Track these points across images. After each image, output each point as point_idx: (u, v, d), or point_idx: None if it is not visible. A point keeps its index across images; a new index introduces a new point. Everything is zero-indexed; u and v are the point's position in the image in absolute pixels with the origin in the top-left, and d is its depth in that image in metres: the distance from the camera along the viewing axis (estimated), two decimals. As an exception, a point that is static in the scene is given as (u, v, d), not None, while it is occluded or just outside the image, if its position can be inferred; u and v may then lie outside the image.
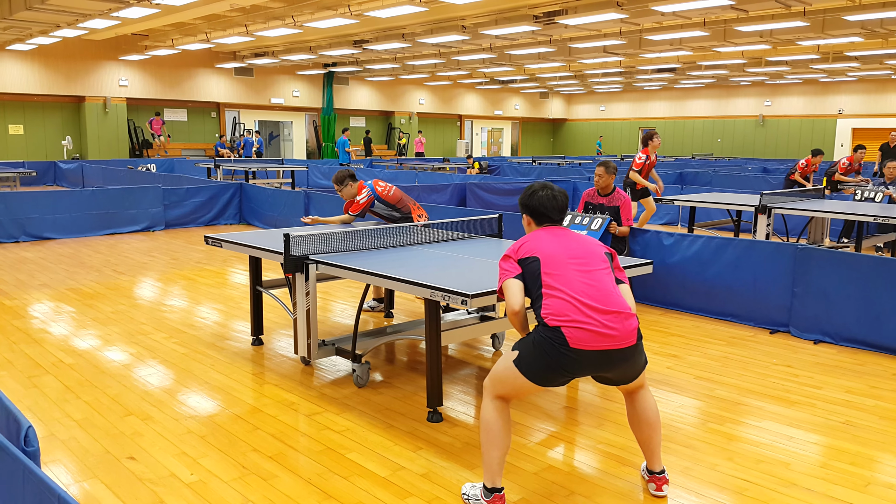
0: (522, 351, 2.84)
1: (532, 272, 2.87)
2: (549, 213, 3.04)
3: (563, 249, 2.90)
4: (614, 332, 2.75)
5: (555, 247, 2.90)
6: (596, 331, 2.72)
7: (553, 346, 2.73)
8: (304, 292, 4.34)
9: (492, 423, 2.87)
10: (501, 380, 2.87)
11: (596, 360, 2.76)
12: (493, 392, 2.90)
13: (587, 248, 2.95)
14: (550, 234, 2.99)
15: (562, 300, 2.77)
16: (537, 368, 2.79)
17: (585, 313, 2.74)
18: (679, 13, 13.61)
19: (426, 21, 15.80)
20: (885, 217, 6.87)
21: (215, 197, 11.83)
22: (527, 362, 2.81)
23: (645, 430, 3.04)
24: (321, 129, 27.79)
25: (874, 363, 4.90)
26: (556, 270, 2.83)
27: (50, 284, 7.13)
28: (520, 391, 2.88)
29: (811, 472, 3.30)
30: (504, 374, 2.87)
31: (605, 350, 2.74)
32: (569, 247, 2.92)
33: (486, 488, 2.88)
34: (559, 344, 2.72)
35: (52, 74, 21.34)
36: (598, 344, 2.73)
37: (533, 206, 3.06)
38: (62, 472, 3.20)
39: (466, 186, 12.98)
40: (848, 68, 22.73)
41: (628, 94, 35.23)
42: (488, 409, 2.89)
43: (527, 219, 3.12)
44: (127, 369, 4.60)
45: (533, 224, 3.10)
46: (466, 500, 2.96)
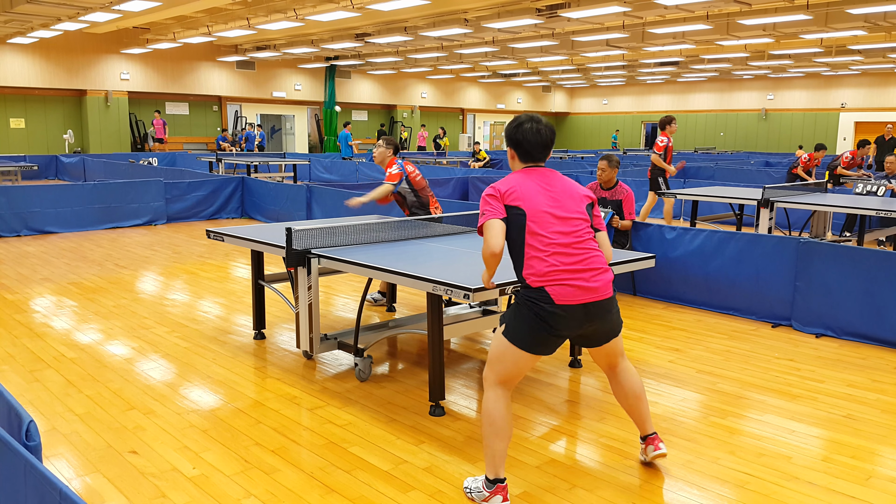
0: (508, 322, 2.89)
1: (517, 224, 2.85)
2: (533, 151, 2.97)
3: (548, 201, 2.88)
4: (594, 284, 2.84)
5: (541, 199, 2.88)
6: (577, 286, 2.81)
7: (539, 306, 2.79)
8: (306, 286, 4.33)
9: (494, 414, 2.87)
10: (496, 359, 2.90)
11: (579, 314, 2.83)
12: (492, 378, 2.92)
13: (570, 200, 2.93)
14: (537, 181, 2.92)
15: (544, 260, 2.81)
16: (526, 334, 2.83)
17: (567, 270, 2.81)
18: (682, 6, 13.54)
19: (428, 14, 15.74)
20: (886, 211, 6.85)
21: (217, 191, 11.83)
22: (515, 331, 2.85)
23: (632, 401, 3.15)
24: (323, 122, 27.75)
25: (876, 357, 4.90)
26: (539, 226, 2.84)
27: (52, 278, 7.13)
28: (516, 366, 2.88)
29: (813, 465, 3.30)
30: (497, 352, 2.90)
31: (586, 304, 2.83)
32: (553, 198, 2.90)
33: (488, 480, 2.88)
34: (545, 303, 2.79)
35: (53, 68, 21.31)
36: (580, 298, 2.82)
37: (517, 139, 2.98)
38: (64, 467, 3.21)
39: (468, 180, 12.96)
40: (851, 62, 22.62)
41: (631, 88, 35.11)
42: (490, 400, 2.90)
43: (511, 152, 3.04)
44: (129, 363, 4.61)
45: (517, 159, 3.02)
46: (469, 493, 2.96)
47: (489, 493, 2.87)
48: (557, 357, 4.83)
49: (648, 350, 5.02)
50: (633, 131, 35.19)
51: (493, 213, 2.86)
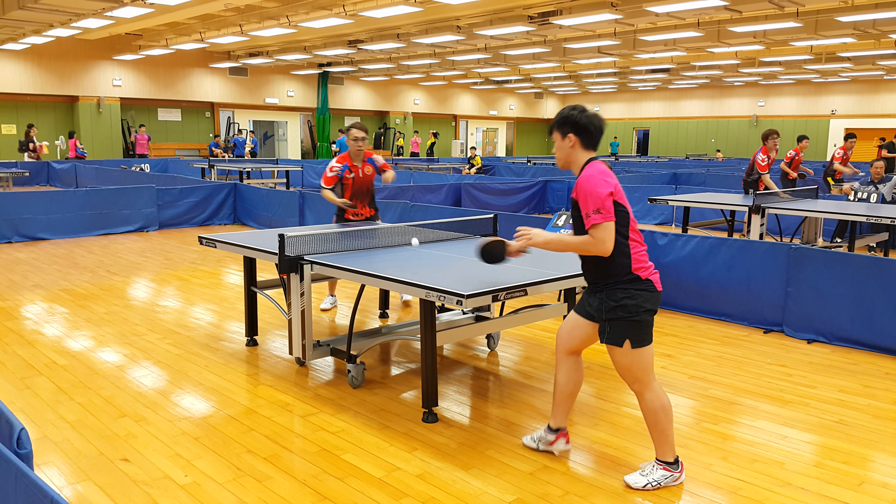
0: (634, 334, 3.00)
1: (622, 222, 2.95)
2: (597, 135, 3.02)
3: (626, 196, 3.03)
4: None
5: (624, 194, 3.02)
6: (657, 272, 3.08)
7: (649, 299, 2.99)
8: (298, 293, 4.33)
9: (664, 403, 3.08)
10: (638, 368, 3.04)
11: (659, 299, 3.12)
12: (644, 380, 3.07)
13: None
14: (613, 175, 3.02)
15: (642, 252, 3.01)
16: (647, 332, 3.03)
17: (650, 263, 3.06)
18: (673, 14, 13.63)
19: (421, 21, 15.79)
20: (877, 217, 6.91)
21: (209, 197, 11.80)
22: (638, 337, 3.01)
23: (573, 388, 3.31)
24: (316, 128, 27.74)
25: (867, 362, 4.93)
26: (634, 222, 3.02)
27: (43, 285, 7.09)
28: (651, 359, 3.07)
29: (805, 471, 3.32)
30: (635, 362, 3.03)
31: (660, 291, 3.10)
32: (624, 193, 3.04)
33: (669, 464, 3.12)
34: (652, 292, 3.01)
35: (45, 74, 21.24)
36: (659, 285, 3.08)
37: (583, 123, 2.97)
38: (55, 475, 3.18)
39: (461, 187, 12.98)
40: (841, 69, 22.82)
41: (623, 95, 35.28)
42: (656, 397, 3.08)
43: (573, 139, 3.00)
44: (120, 370, 4.58)
45: (579, 146, 3.01)
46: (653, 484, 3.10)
47: (677, 472, 3.12)
48: (549, 363, 4.84)
49: (641, 356, 5.03)
50: (625, 138, 35.34)
51: (608, 216, 2.91)
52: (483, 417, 3.90)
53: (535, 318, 4.43)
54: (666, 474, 3.11)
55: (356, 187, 5.78)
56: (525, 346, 5.29)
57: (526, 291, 3.55)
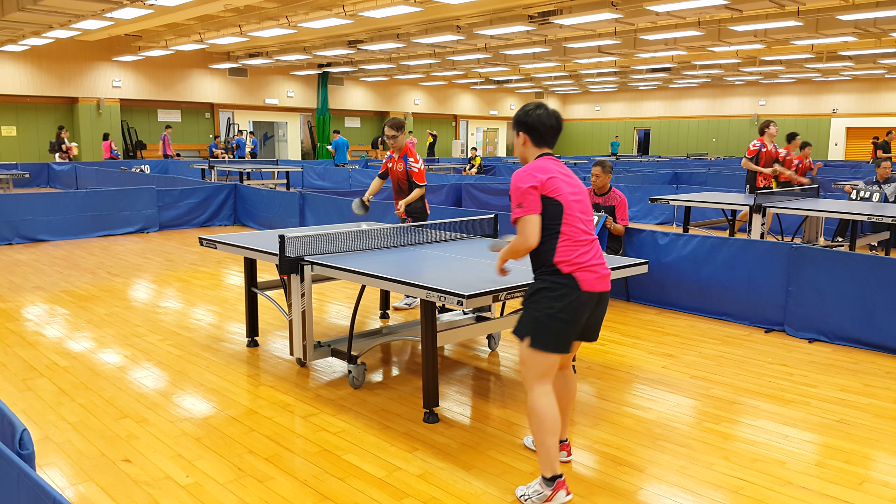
0: (532, 332, 2.90)
1: (552, 214, 2.88)
2: (547, 135, 2.99)
3: (573, 191, 2.95)
4: (605, 272, 2.95)
5: (568, 189, 2.93)
6: (597, 273, 2.91)
7: (566, 294, 2.85)
8: (299, 293, 4.33)
9: (545, 411, 2.89)
10: (533, 366, 2.93)
11: (594, 301, 2.93)
12: (532, 379, 2.94)
13: (583, 191, 3.03)
14: (561, 172, 2.95)
15: (573, 246, 2.88)
16: (553, 337, 2.88)
17: (590, 259, 2.91)
18: (673, 13, 13.63)
19: (421, 21, 15.80)
20: (878, 216, 6.90)
21: (209, 198, 11.80)
22: (542, 338, 2.88)
23: (566, 401, 3.21)
24: (316, 129, 27.75)
25: (868, 361, 4.92)
26: (572, 217, 2.91)
27: (44, 287, 7.10)
28: (552, 363, 2.94)
29: (807, 470, 3.31)
30: (531, 361, 2.93)
31: (599, 292, 2.94)
32: (574, 188, 2.96)
33: (546, 479, 2.90)
34: (573, 289, 2.86)
35: (44, 75, 21.25)
36: (597, 286, 2.92)
37: (531, 123, 2.98)
38: (57, 476, 3.18)
39: (462, 187, 12.98)
40: (841, 67, 22.81)
41: (623, 94, 35.27)
42: (537, 398, 2.91)
43: (524, 137, 3.02)
44: (122, 372, 4.59)
45: (530, 144, 3.01)
46: (526, 500, 2.95)
47: (551, 490, 2.89)
48: (551, 363, 4.83)
49: (642, 356, 5.03)
50: (626, 137, 35.33)
51: (530, 209, 2.86)
52: (484, 418, 3.90)
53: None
54: (539, 490, 2.92)
55: (392, 178, 6.12)
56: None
57: (527, 291, 3.55)
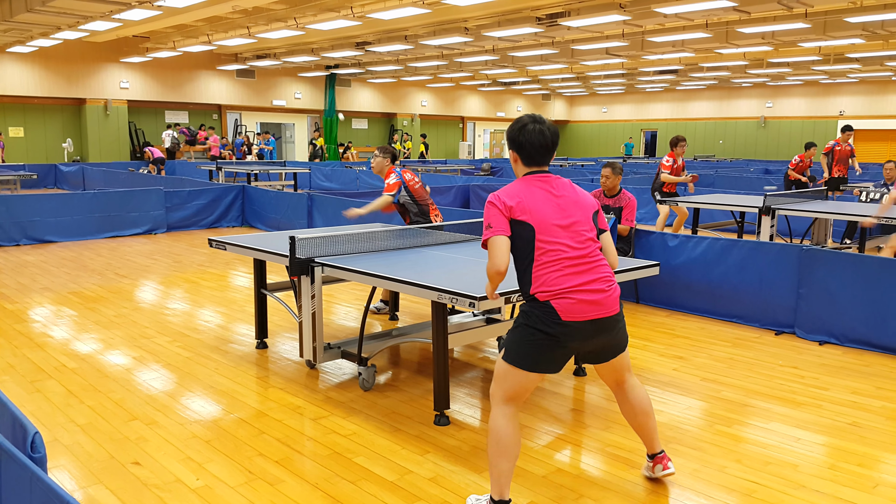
0: (510, 345, 2.80)
1: (524, 238, 2.74)
2: (536, 154, 2.84)
3: (556, 212, 2.77)
4: (600, 297, 2.74)
5: (548, 210, 2.76)
6: (584, 300, 2.71)
7: (543, 322, 2.70)
8: (309, 295, 4.32)
9: (500, 433, 2.78)
10: (502, 380, 2.82)
11: (588, 329, 2.75)
12: (498, 397, 2.83)
13: (577, 210, 2.83)
14: (543, 188, 2.81)
15: (552, 272, 2.71)
16: (528, 354, 2.75)
17: (575, 285, 2.71)
18: (681, 15, 13.59)
19: (428, 23, 15.80)
20: (887, 218, 6.85)
21: (217, 199, 11.82)
22: (517, 354, 2.77)
23: (641, 418, 3.06)
24: (323, 130, 27.79)
25: (880, 364, 4.88)
26: (548, 239, 2.73)
27: (52, 288, 7.12)
28: (521, 386, 2.80)
29: (819, 473, 3.29)
30: (501, 374, 2.82)
31: (594, 319, 2.74)
32: (560, 208, 2.79)
33: (493, 501, 2.79)
34: (550, 319, 2.70)
35: (52, 77, 21.35)
36: (587, 314, 2.72)
37: (520, 141, 2.85)
38: (66, 478, 3.18)
39: (469, 188, 12.97)
40: (849, 70, 22.70)
41: (630, 96, 35.20)
42: (496, 417, 2.81)
43: (513, 155, 2.91)
44: (130, 373, 4.59)
45: (520, 162, 2.89)
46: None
47: None
48: (561, 365, 4.81)
49: (652, 358, 5.01)
50: (633, 139, 35.24)
51: (497, 230, 2.73)
52: (494, 420, 3.88)
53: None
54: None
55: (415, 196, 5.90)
56: (535, 348, 5.26)
57: (537, 294, 3.53)
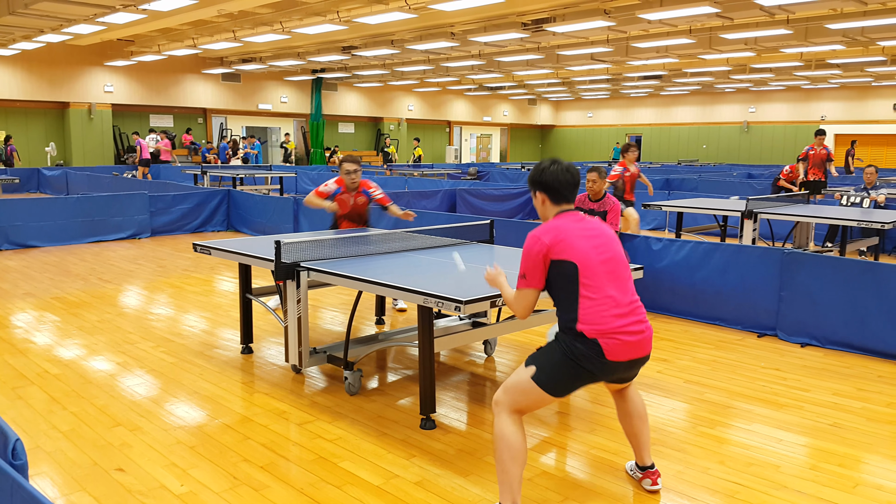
0: (544, 367, 2.77)
1: (567, 277, 2.73)
2: (564, 190, 2.87)
3: (595, 250, 2.78)
4: (641, 337, 2.77)
5: (588, 247, 2.77)
6: (629, 341, 2.73)
7: (587, 359, 2.70)
8: (295, 299, 4.31)
9: (513, 439, 2.77)
10: (518, 392, 2.79)
11: (621, 368, 2.78)
12: (506, 406, 2.82)
13: (612, 246, 2.85)
14: (578, 226, 2.82)
15: (598, 309, 2.71)
16: (561, 383, 2.75)
17: (619, 324, 2.72)
18: (665, 21, 13.72)
19: (415, 28, 15.83)
20: (867, 222, 6.96)
21: (202, 204, 11.76)
22: (549, 378, 2.75)
23: (637, 424, 3.10)
24: (309, 134, 27.73)
25: (860, 365, 4.95)
26: (592, 277, 2.73)
27: (34, 293, 7.04)
28: (536, 406, 2.83)
29: (801, 474, 3.33)
30: (522, 388, 2.79)
31: (632, 360, 2.77)
32: (598, 246, 2.80)
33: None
34: (595, 356, 2.70)
35: (35, 80, 21.14)
36: (629, 354, 2.75)
37: (546, 181, 2.87)
38: (49, 486, 3.15)
39: (456, 192, 13.00)
40: (830, 75, 23.00)
41: (615, 101, 35.45)
42: (506, 425, 2.79)
43: (541, 197, 2.91)
44: (114, 379, 4.55)
45: (548, 202, 2.90)
46: None
47: None
48: (546, 369, 4.83)
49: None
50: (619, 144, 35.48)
51: (531, 282, 2.76)
52: (481, 423, 3.90)
53: (531, 323, 4.43)
54: None
55: (349, 211, 5.82)
56: (522, 351, 5.29)
57: (522, 297, 3.55)
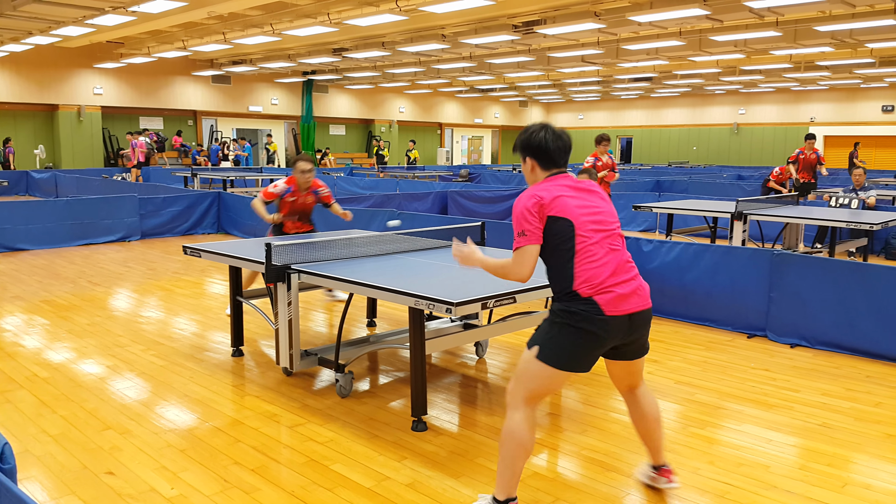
0: (546, 343, 2.72)
1: (562, 235, 2.67)
2: (555, 155, 2.79)
3: (585, 206, 2.73)
4: (636, 287, 2.73)
5: (582, 206, 2.72)
6: (624, 293, 2.69)
7: (586, 319, 2.64)
8: (286, 302, 4.30)
9: (523, 435, 2.72)
10: (528, 378, 2.73)
11: (625, 324, 2.71)
12: (521, 398, 2.75)
13: (604, 205, 2.81)
14: (568, 186, 2.76)
15: (594, 267, 2.66)
16: (566, 352, 2.68)
17: (614, 277, 2.68)
18: (655, 23, 13.79)
19: (406, 30, 15.84)
20: (856, 223, 7.01)
21: (193, 206, 11.71)
22: (555, 352, 2.69)
23: (651, 424, 3.04)
24: (300, 136, 27.68)
25: (849, 366, 4.99)
26: (586, 235, 2.68)
27: (23, 297, 6.99)
28: (549, 387, 2.75)
29: (790, 474, 3.35)
30: (531, 373, 2.73)
31: (632, 313, 2.71)
32: (590, 205, 2.76)
33: (497, 501, 2.79)
34: (594, 314, 2.64)
35: (24, 82, 21.00)
36: (627, 307, 2.69)
37: (537, 145, 2.79)
38: (38, 490, 3.13)
39: (448, 195, 13.00)
40: (819, 77, 23.18)
41: (606, 103, 35.57)
42: (517, 421, 2.74)
43: (530, 162, 2.83)
44: (104, 382, 4.53)
45: (538, 168, 2.82)
46: None
47: None
48: (538, 370, 4.84)
49: (628, 362, 5.06)
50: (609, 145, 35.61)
51: (531, 238, 2.67)
52: (472, 425, 3.90)
53: (523, 325, 4.44)
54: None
55: (293, 209, 5.95)
56: (513, 353, 5.30)
57: (515, 299, 3.57)
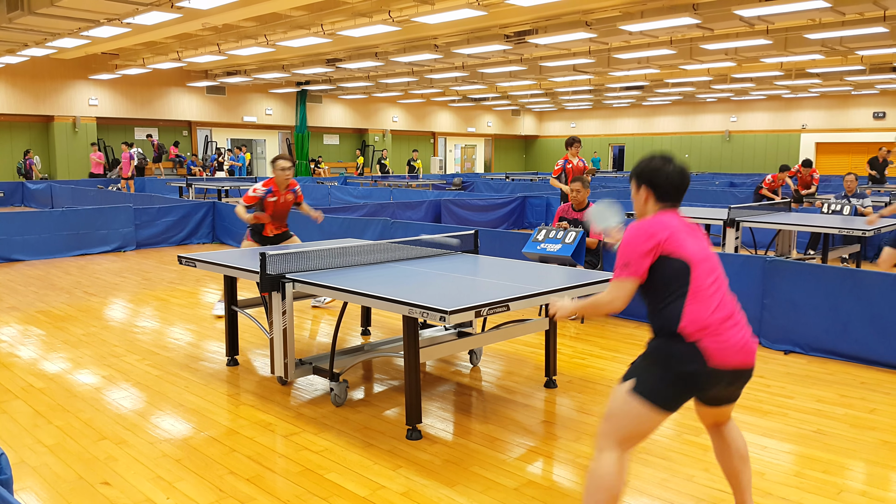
0: (643, 377, 2.51)
1: (676, 276, 2.50)
2: (674, 193, 2.63)
3: (702, 252, 2.57)
4: (745, 341, 2.51)
5: (697, 248, 2.56)
6: (732, 345, 2.48)
7: (689, 360, 2.45)
8: (280, 311, 4.31)
9: (612, 481, 2.47)
10: (624, 416, 2.50)
11: (725, 378, 2.51)
12: (613, 438, 2.51)
13: (710, 248, 2.66)
14: (684, 227, 2.60)
15: (702, 312, 2.47)
16: (665, 390, 2.47)
17: (723, 325, 2.48)
18: (646, 32, 13.89)
19: (399, 40, 15.91)
20: (848, 229, 7.06)
21: (188, 216, 11.71)
22: (653, 387, 2.48)
23: (738, 463, 2.78)
24: (294, 146, 27.72)
25: (843, 372, 5.02)
26: (700, 279, 2.50)
27: (19, 307, 6.97)
28: (646, 428, 2.50)
29: (785, 481, 3.36)
30: (625, 409, 2.50)
31: (737, 369, 2.50)
32: (704, 248, 2.60)
33: None
34: (696, 361, 2.44)
35: (19, 94, 20.99)
36: (733, 360, 2.48)
37: (660, 178, 2.62)
38: (34, 501, 3.12)
39: (441, 203, 13.03)
40: (810, 84, 23.36)
41: (598, 112, 35.75)
42: (609, 464, 2.49)
43: (645, 193, 2.66)
44: (99, 392, 4.52)
45: (652, 200, 2.64)
46: None
47: None
48: (532, 378, 4.86)
49: (621, 369, 5.07)
50: (601, 154, 35.75)
51: (634, 272, 2.53)
52: (467, 433, 3.91)
53: (517, 333, 4.46)
54: None
55: (276, 210, 6.23)
56: (507, 361, 5.31)
57: (508, 307, 3.59)
